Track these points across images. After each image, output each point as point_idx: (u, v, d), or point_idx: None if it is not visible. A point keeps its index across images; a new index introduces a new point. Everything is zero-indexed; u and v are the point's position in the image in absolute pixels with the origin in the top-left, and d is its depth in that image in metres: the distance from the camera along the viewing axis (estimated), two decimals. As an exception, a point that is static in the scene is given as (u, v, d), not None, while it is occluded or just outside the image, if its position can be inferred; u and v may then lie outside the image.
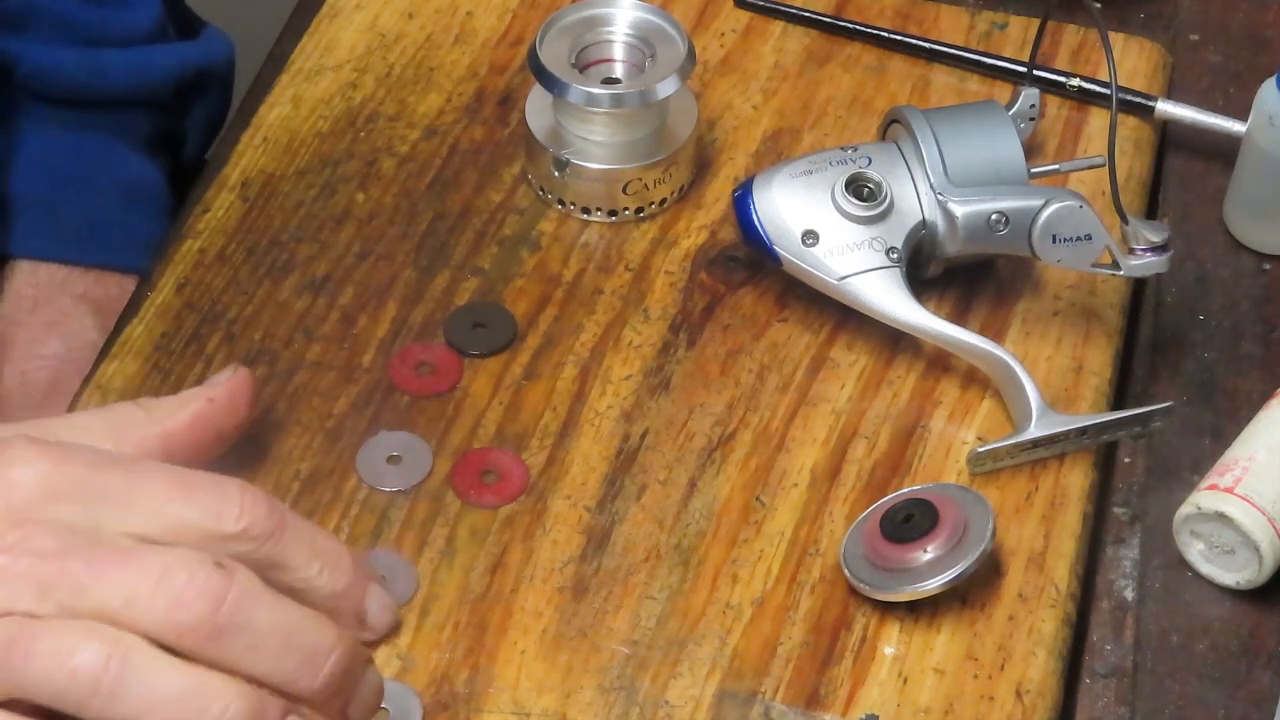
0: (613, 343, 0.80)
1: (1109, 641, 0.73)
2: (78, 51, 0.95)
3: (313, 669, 0.60)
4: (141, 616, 0.59)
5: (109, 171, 0.97)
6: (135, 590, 0.59)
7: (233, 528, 0.61)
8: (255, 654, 0.59)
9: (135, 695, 0.58)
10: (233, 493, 0.62)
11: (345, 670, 0.61)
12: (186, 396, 0.70)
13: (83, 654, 0.58)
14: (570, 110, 0.83)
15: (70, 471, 0.61)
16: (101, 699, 0.58)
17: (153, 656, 0.59)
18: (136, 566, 0.59)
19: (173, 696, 0.58)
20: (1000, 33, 0.94)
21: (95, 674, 0.58)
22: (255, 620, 0.60)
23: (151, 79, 0.98)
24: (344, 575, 0.65)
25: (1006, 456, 0.76)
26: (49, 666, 0.58)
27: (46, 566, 0.59)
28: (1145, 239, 0.77)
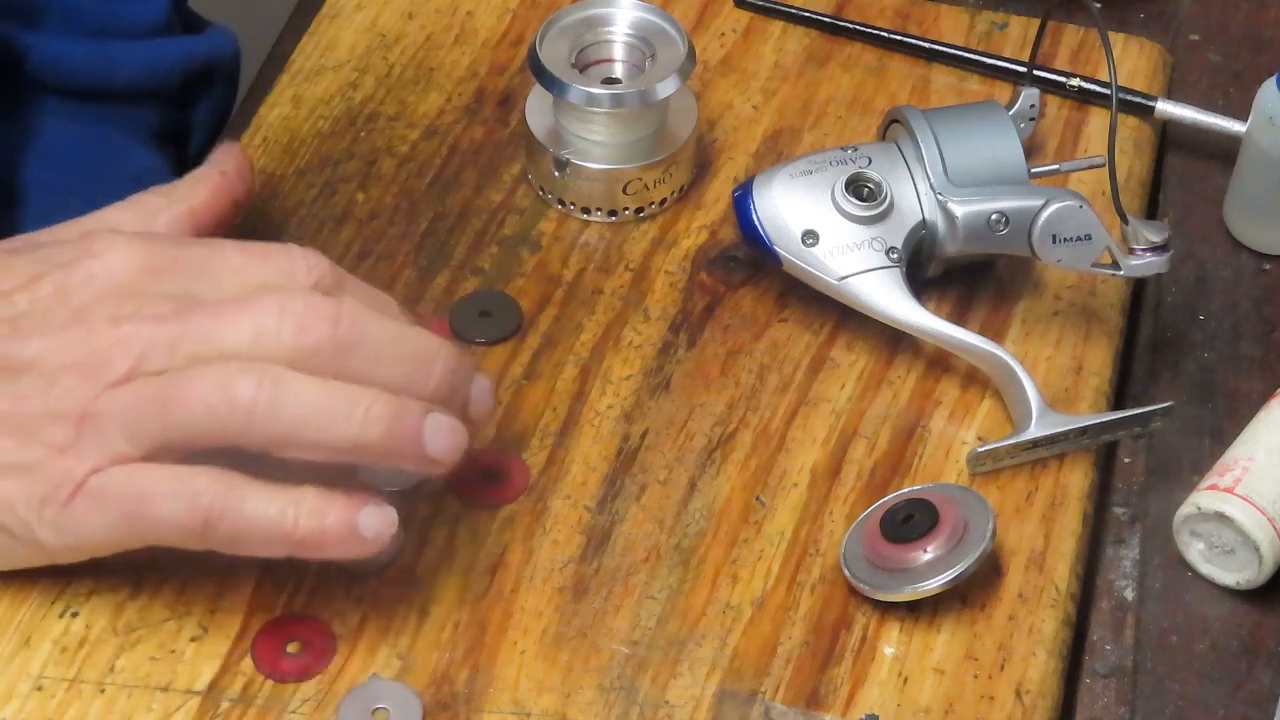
0: (613, 343, 0.80)
1: (1109, 641, 0.73)
2: (87, 44, 0.96)
3: (425, 372, 0.66)
4: (271, 348, 0.65)
5: (117, 162, 0.97)
6: (260, 326, 0.65)
7: (305, 282, 0.67)
8: (375, 364, 0.66)
9: (290, 410, 0.64)
10: (298, 253, 0.68)
11: (453, 371, 0.67)
12: (199, 174, 0.75)
13: (240, 384, 0.64)
14: (570, 110, 0.83)
15: (159, 250, 0.68)
16: (260, 420, 0.64)
17: (296, 376, 0.65)
18: (255, 306, 0.65)
19: (323, 406, 0.64)
20: (1000, 33, 0.94)
21: (252, 399, 0.64)
22: (368, 334, 0.66)
23: (160, 71, 0.98)
24: (396, 316, 0.69)
25: (1006, 456, 0.76)
26: (211, 403, 0.64)
27: (169, 326, 0.65)
28: (1145, 239, 0.77)
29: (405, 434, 0.65)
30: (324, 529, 0.65)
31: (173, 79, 0.99)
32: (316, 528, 0.65)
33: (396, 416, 0.65)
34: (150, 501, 0.65)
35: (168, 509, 0.65)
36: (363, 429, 0.65)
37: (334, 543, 0.66)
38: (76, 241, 0.69)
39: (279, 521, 0.65)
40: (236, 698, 0.68)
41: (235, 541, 0.65)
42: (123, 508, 0.65)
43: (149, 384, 0.65)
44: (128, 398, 0.65)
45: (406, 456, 0.66)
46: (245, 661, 0.69)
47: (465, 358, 0.68)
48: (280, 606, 0.70)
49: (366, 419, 0.65)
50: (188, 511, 0.65)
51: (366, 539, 0.66)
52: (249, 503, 0.65)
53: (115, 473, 0.65)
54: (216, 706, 0.68)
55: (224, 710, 0.67)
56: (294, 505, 0.65)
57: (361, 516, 0.66)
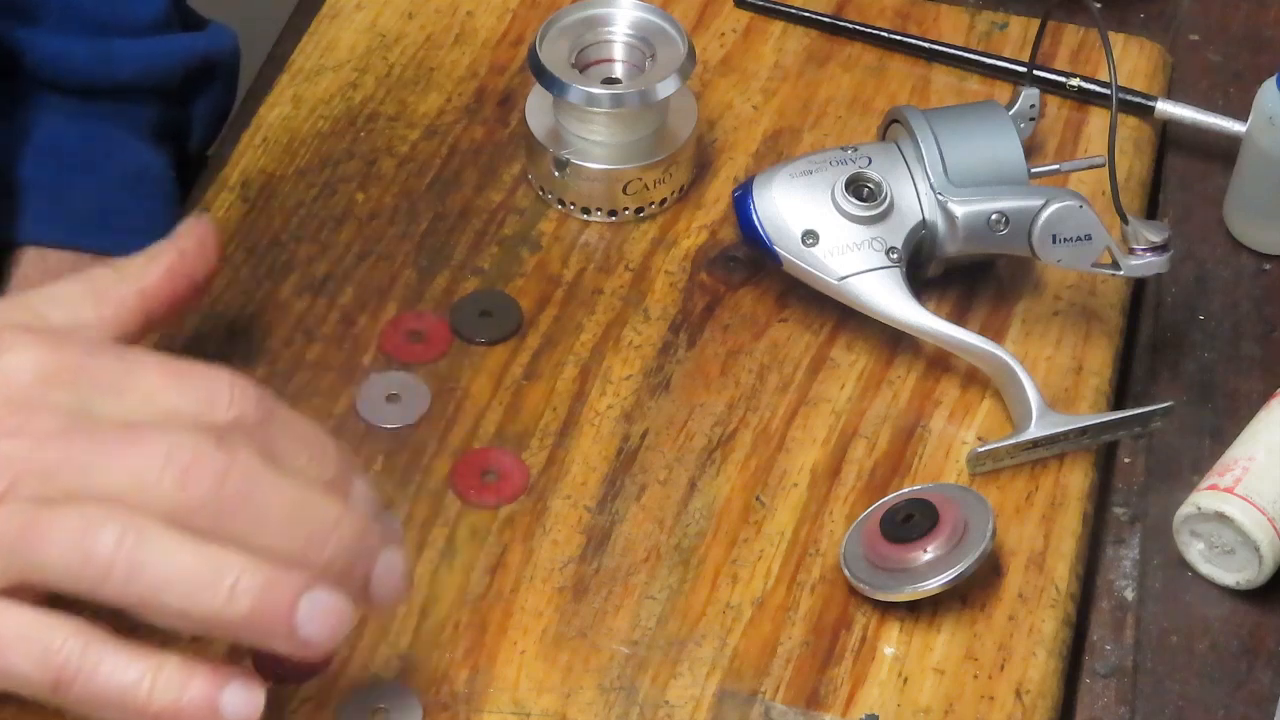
0: (613, 343, 0.80)
1: (1109, 641, 0.73)
2: (87, 41, 0.96)
3: (320, 543, 0.60)
4: (149, 496, 0.59)
5: (116, 159, 0.97)
6: (142, 470, 0.59)
7: (224, 416, 0.61)
8: (261, 529, 0.59)
9: (150, 573, 0.58)
10: (223, 382, 0.62)
11: (353, 544, 0.61)
12: (156, 250, 0.70)
13: (100, 535, 0.58)
14: (570, 110, 0.83)
15: (65, 358, 0.62)
16: (117, 579, 0.58)
17: (165, 535, 0.59)
18: (141, 447, 0.59)
19: (187, 572, 0.58)
20: (1000, 33, 0.94)
21: (110, 554, 0.58)
22: (260, 496, 0.59)
23: (159, 68, 0.98)
24: (331, 463, 0.63)
25: (1006, 456, 0.76)
26: (65, 549, 0.58)
27: (50, 450, 0.60)
28: (1145, 239, 0.77)
29: (274, 613, 0.59)
30: (179, 706, 0.59)
31: (173, 76, 0.99)
32: (171, 704, 0.59)
33: (267, 592, 0.59)
34: (1, 645, 0.59)
35: (16, 661, 0.59)
36: (226, 603, 0.58)
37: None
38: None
39: (133, 693, 0.59)
40: (236, 698, 0.68)
41: (84, 706, 0.60)
42: None
43: (16, 514, 0.59)
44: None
45: (275, 637, 0.59)
46: (245, 662, 0.69)
47: (374, 530, 0.62)
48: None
49: (233, 592, 0.58)
50: (38, 668, 0.59)
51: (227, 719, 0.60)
52: (104, 665, 0.59)
53: None
54: None
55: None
56: (152, 673, 0.59)
57: (226, 694, 0.59)
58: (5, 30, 0.95)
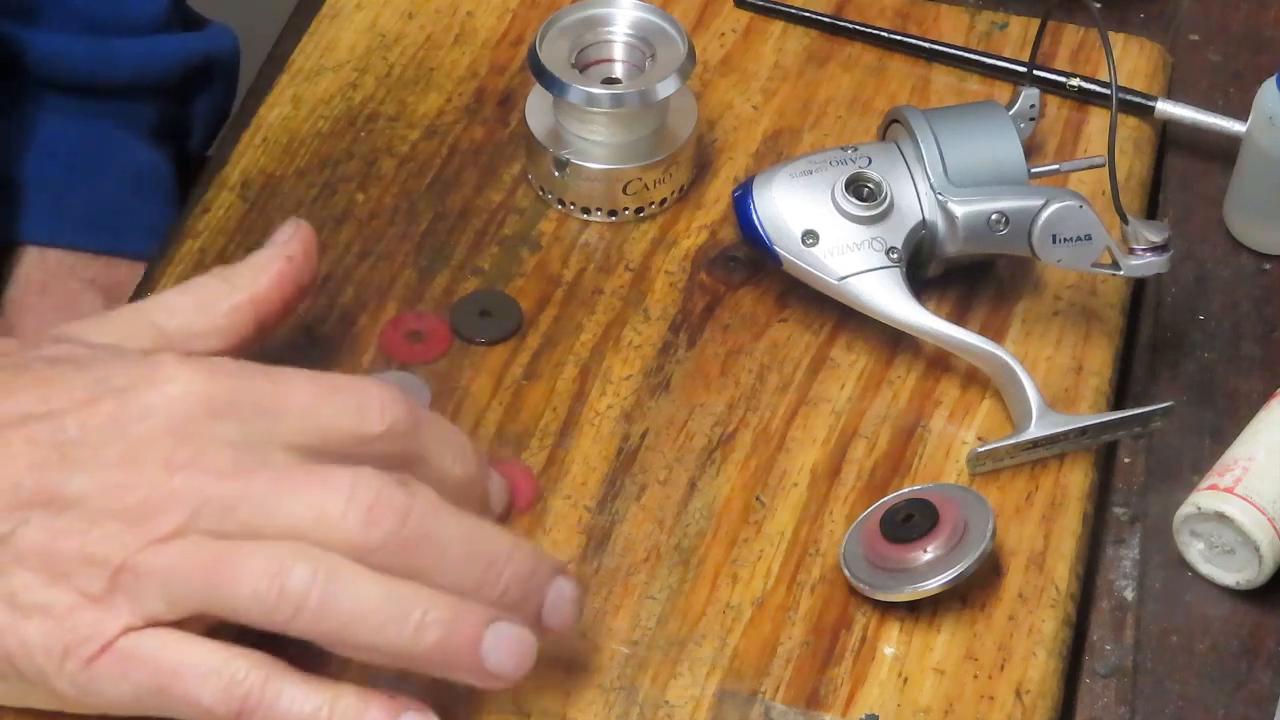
0: (613, 343, 0.80)
1: (1109, 641, 0.73)
2: (87, 40, 0.96)
3: (495, 576, 0.62)
4: (332, 534, 0.60)
5: (117, 159, 0.97)
6: (325, 508, 0.61)
7: (378, 428, 0.63)
8: (440, 565, 0.61)
9: (342, 608, 0.60)
10: (373, 392, 0.64)
11: (527, 575, 0.63)
12: (264, 258, 0.71)
13: (294, 572, 0.60)
14: (570, 110, 0.83)
15: (223, 385, 0.63)
16: (308, 614, 0.60)
17: (354, 571, 0.60)
18: (325, 485, 0.61)
19: (376, 607, 0.60)
20: (1000, 33, 0.94)
21: (304, 591, 0.60)
22: (438, 533, 0.61)
23: (159, 67, 0.98)
24: (472, 462, 0.67)
25: (1006, 456, 0.76)
26: (259, 587, 0.60)
27: (228, 484, 0.61)
28: (1145, 239, 0.77)
29: (461, 646, 0.61)
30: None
31: (172, 75, 0.99)
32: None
33: (454, 625, 0.61)
34: (182, 679, 0.61)
35: (200, 691, 0.61)
36: (416, 637, 0.61)
37: None
38: (136, 362, 0.63)
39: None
40: (236, 698, 0.68)
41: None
42: (152, 678, 0.61)
43: (198, 548, 0.61)
44: (173, 558, 0.61)
45: (462, 669, 0.62)
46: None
47: (545, 559, 0.64)
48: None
49: (421, 625, 0.61)
50: (221, 698, 0.61)
51: None
52: (284, 698, 0.61)
53: (149, 637, 0.61)
54: (216, 706, 0.68)
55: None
56: (330, 704, 0.61)
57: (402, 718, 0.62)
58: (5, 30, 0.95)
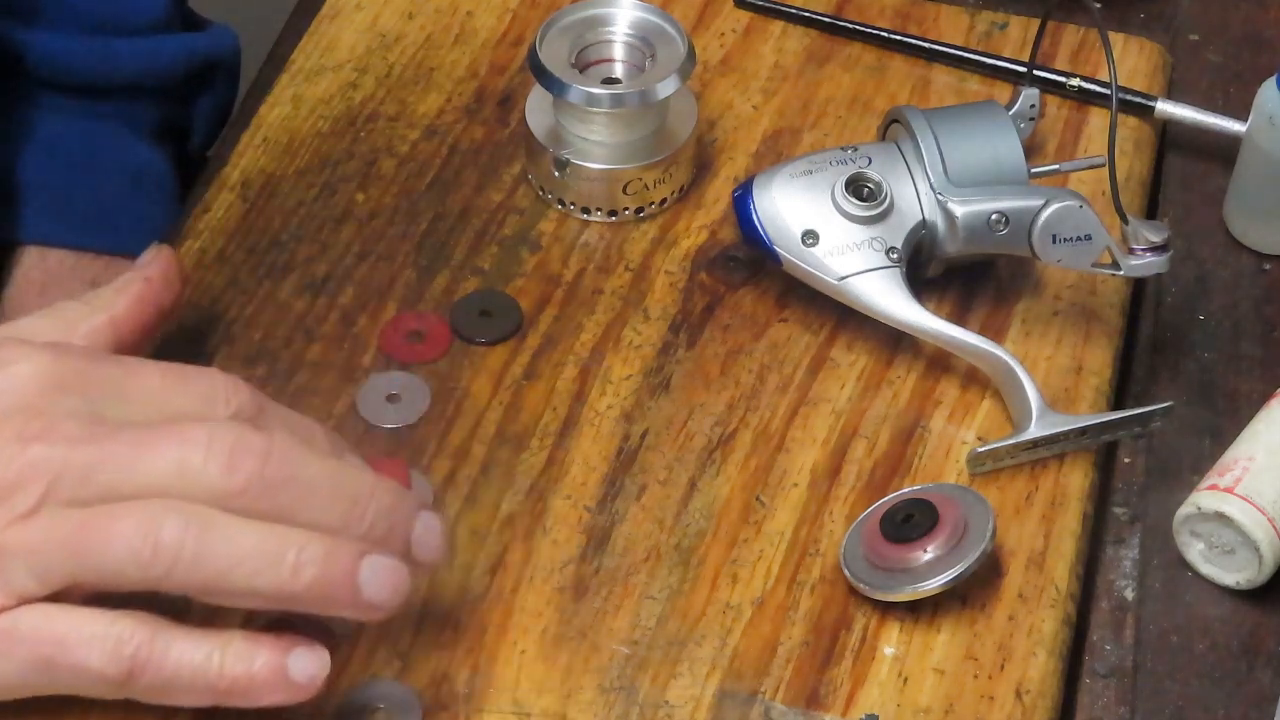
0: (613, 343, 0.80)
1: (1109, 641, 0.73)
2: (88, 40, 0.96)
3: (359, 511, 0.62)
4: (196, 485, 0.61)
5: (118, 159, 0.97)
6: (185, 460, 0.61)
7: (223, 413, 0.63)
8: (305, 504, 0.61)
9: (217, 556, 0.60)
10: (220, 380, 0.64)
11: (390, 510, 0.63)
12: (123, 281, 0.71)
13: (165, 526, 0.60)
14: (570, 110, 0.83)
15: (71, 365, 0.63)
16: (184, 566, 0.60)
17: (225, 519, 0.60)
18: (181, 437, 0.61)
19: (250, 551, 0.60)
20: (1000, 33, 0.94)
21: (178, 542, 0.60)
22: (300, 473, 0.62)
23: (161, 68, 0.98)
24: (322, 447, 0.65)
25: (1006, 456, 0.76)
26: (133, 545, 0.60)
27: (84, 450, 0.61)
28: (1145, 239, 0.77)
29: (338, 580, 0.61)
30: (251, 675, 0.61)
31: (174, 75, 0.99)
32: (244, 674, 0.61)
33: (328, 561, 0.61)
34: (67, 648, 0.60)
35: (87, 657, 0.60)
36: (293, 576, 0.61)
37: (263, 689, 0.62)
38: None
39: (204, 669, 0.61)
40: (236, 698, 0.68)
41: (157, 691, 0.62)
42: (35, 653, 0.61)
43: (63, 518, 0.60)
44: (38, 532, 0.60)
45: (341, 603, 0.62)
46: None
47: (407, 495, 0.65)
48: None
49: (297, 565, 0.60)
50: (110, 660, 0.60)
51: (299, 684, 0.62)
52: (173, 650, 0.61)
53: (25, 614, 0.61)
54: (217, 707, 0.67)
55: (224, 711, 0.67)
56: (220, 650, 0.61)
57: (292, 660, 0.62)
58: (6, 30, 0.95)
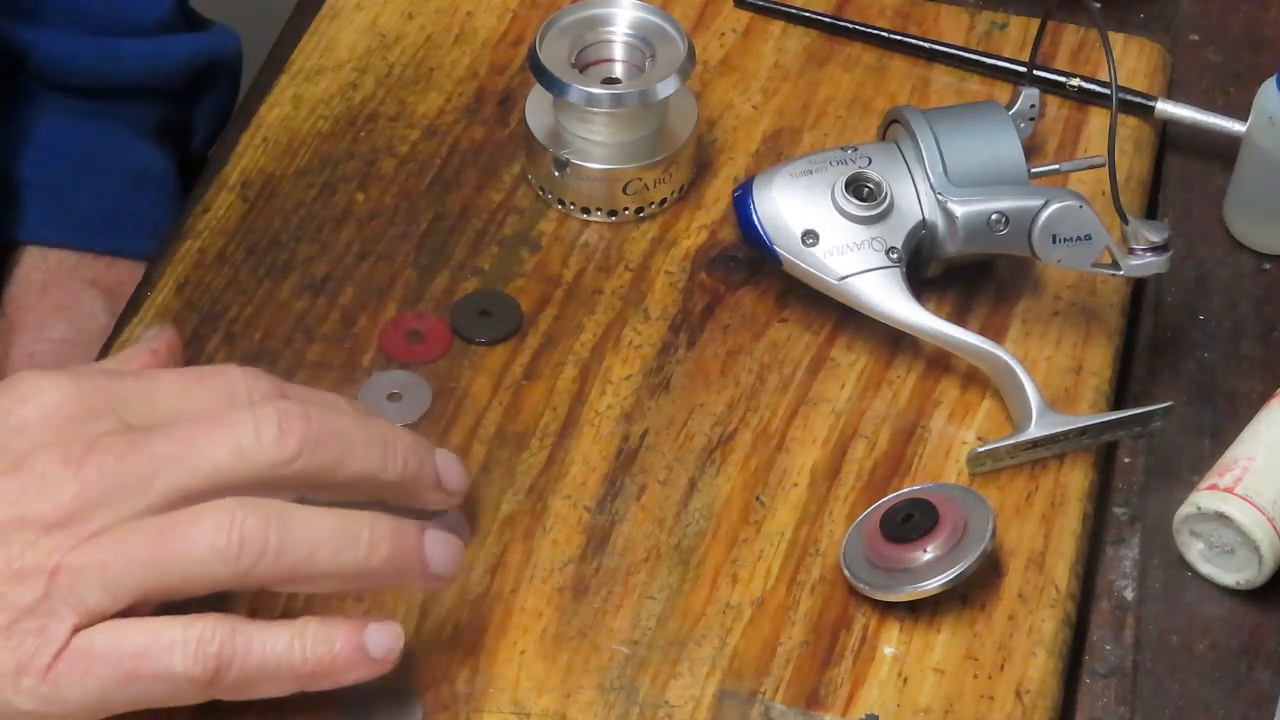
0: (613, 343, 0.80)
1: (1109, 641, 0.73)
2: (91, 41, 0.96)
3: (392, 451, 0.66)
4: (258, 460, 0.63)
5: (119, 159, 0.97)
6: (239, 441, 0.63)
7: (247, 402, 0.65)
8: (349, 452, 0.64)
9: (298, 544, 0.62)
10: (235, 373, 0.66)
11: (413, 446, 0.67)
12: (131, 352, 0.72)
13: (248, 521, 0.62)
14: (570, 110, 0.83)
15: (92, 385, 0.64)
16: (270, 556, 0.62)
17: (297, 507, 0.63)
18: (228, 424, 0.63)
19: (328, 534, 0.63)
20: (1000, 33, 0.94)
21: (263, 535, 0.62)
22: (337, 424, 0.65)
23: (164, 68, 0.98)
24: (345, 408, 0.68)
25: (1006, 456, 0.76)
26: (217, 545, 0.61)
27: (135, 460, 0.62)
28: (1145, 239, 0.77)
29: (410, 553, 0.64)
30: (334, 656, 0.63)
31: (176, 76, 0.99)
32: (326, 656, 0.63)
33: (398, 537, 0.64)
34: (150, 658, 0.61)
35: (172, 663, 0.61)
36: (370, 554, 0.63)
37: (344, 669, 0.64)
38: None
39: (288, 657, 0.63)
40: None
41: (243, 686, 0.63)
42: (118, 668, 0.61)
43: (133, 532, 0.61)
44: (110, 549, 0.61)
45: (412, 575, 0.65)
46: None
47: (418, 435, 0.68)
48: (280, 606, 0.70)
49: (372, 543, 0.63)
50: (196, 662, 0.61)
51: (376, 659, 0.64)
52: (255, 643, 0.62)
53: (100, 631, 0.61)
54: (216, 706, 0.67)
55: (224, 710, 0.67)
56: (299, 637, 0.63)
57: (369, 637, 0.64)
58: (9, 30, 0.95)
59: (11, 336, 0.93)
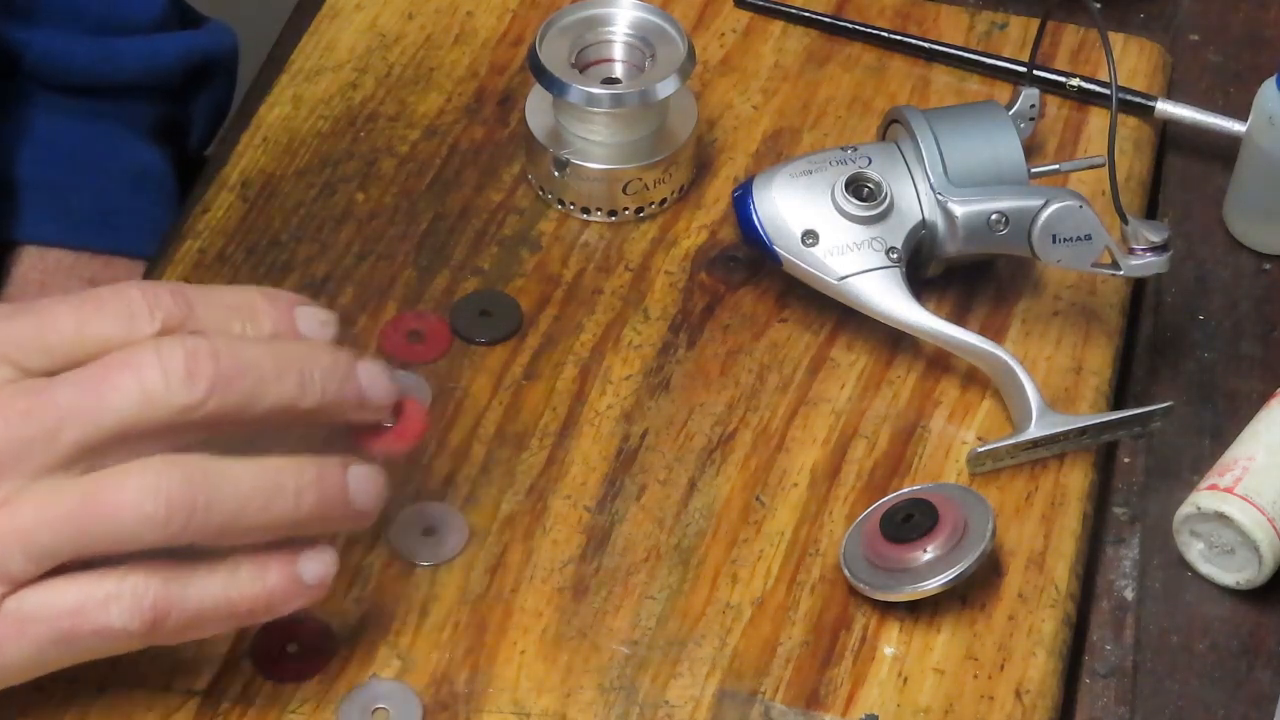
0: (613, 343, 0.80)
1: (1109, 641, 0.73)
2: (87, 40, 0.96)
3: (308, 377, 0.62)
4: (167, 406, 0.60)
5: (117, 158, 0.97)
6: (145, 387, 0.60)
7: (150, 326, 0.62)
8: (262, 386, 0.61)
9: (226, 499, 0.61)
10: (133, 293, 0.62)
11: (332, 365, 0.63)
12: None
13: (174, 482, 0.60)
14: (570, 110, 0.83)
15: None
16: (200, 514, 0.60)
17: (221, 462, 0.61)
18: (133, 367, 0.60)
19: (254, 487, 0.61)
20: (1000, 33, 0.94)
21: (190, 495, 0.60)
22: (246, 357, 0.61)
23: (160, 67, 0.98)
24: (266, 318, 0.64)
25: (1006, 456, 0.76)
26: (146, 508, 0.60)
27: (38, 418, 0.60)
28: (1145, 239, 0.77)
29: (335, 497, 0.63)
30: (269, 592, 0.63)
31: (173, 74, 0.99)
32: (262, 592, 0.63)
33: (322, 481, 0.63)
34: (85, 615, 0.61)
35: (109, 618, 0.61)
36: (298, 503, 0.62)
37: (281, 601, 0.63)
38: None
39: (224, 598, 0.62)
40: (236, 698, 0.68)
41: (182, 632, 0.62)
42: (53, 627, 0.61)
43: (51, 495, 0.60)
44: (28, 515, 0.60)
45: (338, 519, 0.64)
46: (245, 662, 0.69)
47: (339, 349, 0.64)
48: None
49: (298, 491, 0.62)
50: (133, 615, 0.61)
51: (313, 586, 0.64)
52: (190, 588, 0.62)
53: (31, 592, 0.61)
54: (216, 707, 0.68)
55: (224, 710, 0.68)
56: (232, 576, 0.62)
57: (302, 565, 0.63)
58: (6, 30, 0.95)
59: None
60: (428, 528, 0.73)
